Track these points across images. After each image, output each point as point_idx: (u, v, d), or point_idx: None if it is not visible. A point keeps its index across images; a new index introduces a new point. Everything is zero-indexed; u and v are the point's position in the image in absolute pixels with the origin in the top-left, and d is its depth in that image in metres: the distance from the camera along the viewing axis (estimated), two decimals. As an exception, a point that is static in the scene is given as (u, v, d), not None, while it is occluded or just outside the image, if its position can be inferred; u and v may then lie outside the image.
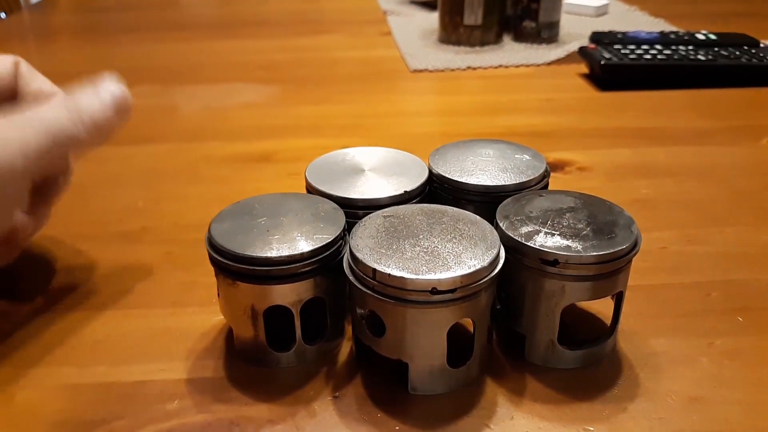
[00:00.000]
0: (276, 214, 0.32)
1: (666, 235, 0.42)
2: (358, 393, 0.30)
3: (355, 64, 0.82)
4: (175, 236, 0.43)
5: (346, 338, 0.33)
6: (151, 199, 0.48)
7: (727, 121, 0.62)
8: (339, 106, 0.68)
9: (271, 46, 0.90)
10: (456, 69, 0.78)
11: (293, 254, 0.29)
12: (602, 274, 0.29)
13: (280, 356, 0.31)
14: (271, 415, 0.29)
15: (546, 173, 0.36)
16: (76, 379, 0.31)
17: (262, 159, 0.55)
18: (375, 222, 0.31)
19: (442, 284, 0.27)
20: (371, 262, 0.28)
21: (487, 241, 0.29)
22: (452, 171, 0.36)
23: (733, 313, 0.35)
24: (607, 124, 0.62)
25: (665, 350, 0.32)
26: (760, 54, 0.73)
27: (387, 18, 1.02)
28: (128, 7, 1.16)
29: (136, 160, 0.55)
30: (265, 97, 0.71)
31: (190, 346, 0.33)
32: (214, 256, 0.30)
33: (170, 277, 0.39)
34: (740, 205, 0.46)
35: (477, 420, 0.28)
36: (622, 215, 0.31)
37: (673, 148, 0.56)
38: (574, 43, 0.85)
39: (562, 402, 0.29)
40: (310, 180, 0.35)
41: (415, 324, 0.28)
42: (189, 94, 0.72)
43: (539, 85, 0.74)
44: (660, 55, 0.72)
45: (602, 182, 0.50)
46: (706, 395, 0.30)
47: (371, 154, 0.38)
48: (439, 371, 0.29)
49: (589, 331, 0.34)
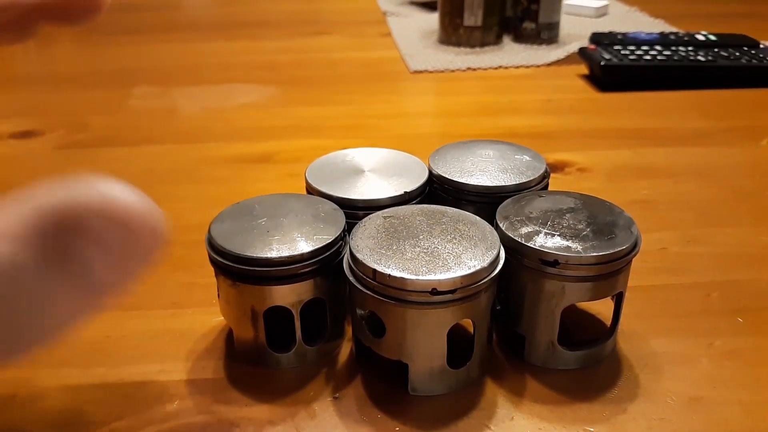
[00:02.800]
0: (276, 214, 0.32)
1: (666, 235, 0.42)
2: (358, 394, 0.30)
3: (355, 65, 0.82)
4: (175, 237, 0.43)
5: (346, 339, 0.33)
6: (151, 199, 0.48)
7: (727, 121, 0.62)
8: (339, 107, 0.68)
9: (271, 46, 0.90)
10: (456, 70, 0.78)
11: (293, 255, 0.29)
12: (602, 274, 0.29)
13: (280, 357, 0.31)
14: (271, 416, 0.29)
15: (546, 174, 0.36)
16: (77, 380, 0.31)
17: (262, 160, 0.55)
18: (375, 223, 0.31)
19: (442, 285, 0.27)
20: (371, 262, 0.28)
21: (487, 242, 0.29)
22: (452, 172, 0.36)
23: (733, 314, 0.35)
24: (606, 124, 0.62)
25: (665, 351, 0.32)
26: (760, 55, 0.73)
27: (387, 19, 1.02)
28: (128, 7, 1.16)
29: (136, 161, 0.55)
30: (265, 97, 0.71)
31: (190, 347, 0.33)
32: (214, 256, 0.30)
33: (170, 278, 0.39)
34: (740, 205, 0.46)
35: (477, 421, 0.28)
36: (622, 216, 0.31)
37: (673, 149, 0.56)
38: (574, 44, 0.85)
39: (562, 403, 0.29)
40: (310, 181, 0.35)
41: (415, 325, 0.28)
42: (189, 95, 0.72)
43: (539, 86, 0.74)
44: (660, 56, 0.72)
45: (602, 183, 0.50)
46: (706, 396, 0.30)
47: (371, 154, 0.38)
48: (439, 372, 0.29)
49: (589, 332, 0.34)
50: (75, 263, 0.13)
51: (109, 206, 0.13)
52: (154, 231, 0.13)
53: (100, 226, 0.13)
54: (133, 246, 0.13)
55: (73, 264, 0.13)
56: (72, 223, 0.13)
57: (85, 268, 0.13)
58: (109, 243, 0.13)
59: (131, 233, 0.13)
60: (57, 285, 0.13)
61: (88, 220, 0.13)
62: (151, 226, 0.14)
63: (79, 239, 0.13)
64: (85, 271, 0.13)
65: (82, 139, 0.60)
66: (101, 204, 0.13)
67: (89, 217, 0.13)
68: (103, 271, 0.13)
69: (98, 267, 0.13)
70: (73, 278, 0.13)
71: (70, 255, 0.13)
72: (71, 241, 0.13)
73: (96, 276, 0.13)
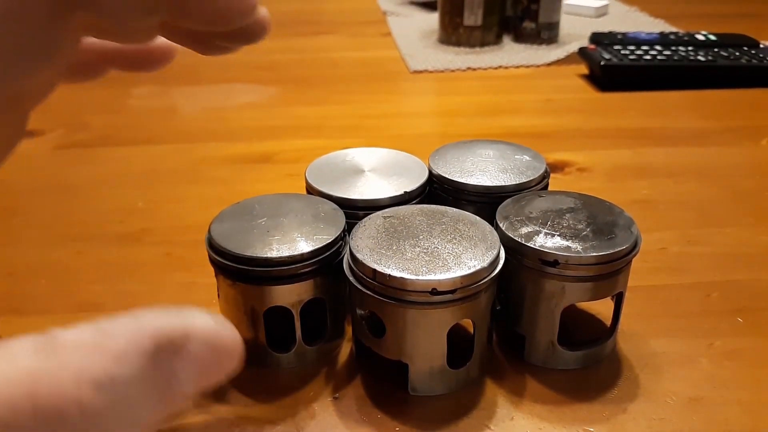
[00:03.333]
0: (276, 214, 0.32)
1: (666, 235, 0.42)
2: (358, 394, 0.30)
3: (355, 64, 0.82)
4: (175, 237, 0.43)
5: (346, 339, 0.33)
6: (151, 199, 0.48)
7: (727, 121, 0.62)
8: (339, 107, 0.68)
9: (271, 46, 0.90)
10: (456, 70, 0.78)
11: (293, 255, 0.29)
12: (602, 274, 0.29)
13: (280, 357, 0.31)
14: (272, 416, 0.29)
15: (546, 174, 0.36)
16: (76, 380, 0.31)
17: (262, 160, 0.55)
18: (375, 222, 0.31)
19: (442, 285, 0.27)
20: (371, 262, 0.28)
21: (486, 242, 0.29)
22: (452, 171, 0.36)
23: (733, 314, 0.35)
24: (606, 124, 0.62)
25: (665, 351, 0.32)
26: (760, 55, 0.73)
27: (387, 18, 1.02)
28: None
29: (136, 161, 0.55)
30: (265, 97, 0.71)
31: (190, 347, 0.33)
32: (214, 256, 0.30)
33: (170, 278, 0.39)
34: (740, 205, 0.46)
35: (477, 421, 0.28)
36: (621, 216, 0.31)
37: (673, 149, 0.56)
38: (574, 43, 0.85)
39: (562, 403, 0.29)
40: (310, 180, 0.35)
41: (415, 325, 0.28)
42: (189, 95, 0.72)
43: (539, 86, 0.74)
44: (660, 56, 0.72)
45: (602, 183, 0.50)
46: (706, 396, 0.30)
47: (371, 154, 0.38)
48: (439, 372, 0.29)
49: (589, 332, 0.34)
50: (167, 378, 0.15)
51: (206, 331, 0.16)
52: (234, 353, 0.16)
53: (194, 349, 0.15)
54: (216, 365, 0.16)
55: (165, 378, 0.15)
56: (173, 344, 0.15)
57: (174, 382, 0.15)
58: (198, 362, 0.15)
59: (217, 354, 0.16)
60: (147, 397, 0.15)
61: (187, 342, 0.15)
62: (232, 350, 0.16)
63: (176, 358, 0.15)
64: (174, 384, 0.15)
65: (82, 138, 0.60)
66: (201, 329, 0.15)
67: (189, 340, 0.15)
68: (187, 384, 0.15)
69: (184, 381, 0.15)
70: (161, 389, 0.15)
71: (165, 371, 0.15)
72: (168, 359, 0.15)
73: (182, 388, 0.15)
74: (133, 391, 0.14)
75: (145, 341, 0.15)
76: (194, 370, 0.15)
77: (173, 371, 0.15)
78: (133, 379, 0.14)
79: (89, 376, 0.13)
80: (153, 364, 0.15)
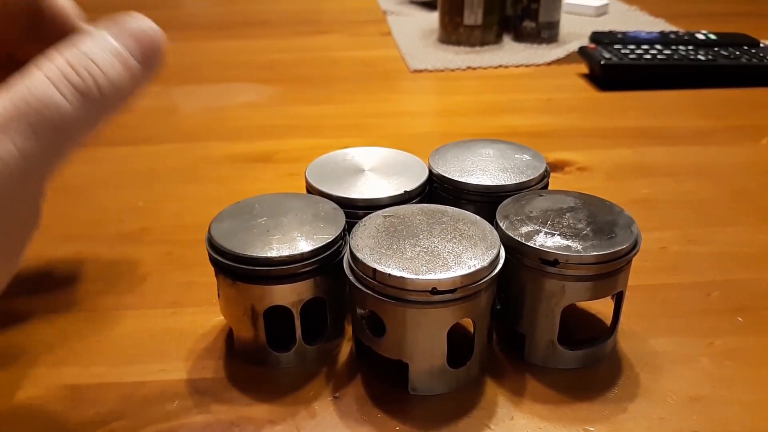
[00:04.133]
0: (276, 214, 0.32)
1: (666, 235, 0.42)
2: (359, 393, 0.30)
3: (355, 64, 0.82)
4: (175, 236, 0.43)
5: (347, 338, 0.33)
6: (151, 199, 0.48)
7: (727, 121, 0.62)
8: (339, 106, 0.68)
9: (271, 46, 0.90)
10: (456, 69, 0.78)
11: (293, 254, 0.29)
12: (602, 274, 0.29)
13: (280, 356, 0.31)
14: (272, 416, 0.29)
15: (546, 173, 0.36)
16: (77, 380, 0.31)
17: (262, 159, 0.55)
18: (375, 222, 0.31)
19: (442, 284, 0.27)
20: (371, 262, 0.28)
21: (487, 241, 0.29)
22: (452, 171, 0.36)
23: (733, 313, 0.35)
24: (607, 124, 0.62)
25: (665, 350, 0.32)
26: (760, 54, 0.73)
27: (387, 18, 1.02)
28: (129, 7, 1.16)
29: (136, 160, 0.55)
30: (265, 97, 0.71)
31: (190, 347, 0.33)
32: (214, 256, 0.30)
33: (170, 278, 0.39)
34: (740, 205, 0.46)
35: (477, 420, 0.28)
36: (622, 215, 0.31)
37: (673, 148, 0.56)
38: (574, 43, 0.85)
39: (562, 402, 0.29)
40: (310, 180, 0.35)
41: (415, 324, 0.28)
42: (189, 94, 0.72)
43: (539, 85, 0.74)
44: (660, 55, 0.71)
45: (602, 182, 0.50)
46: (706, 395, 0.30)
47: (371, 154, 0.38)
48: (439, 371, 0.29)
49: (589, 331, 0.34)
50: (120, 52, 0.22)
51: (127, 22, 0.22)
52: (156, 42, 0.22)
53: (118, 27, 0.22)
54: (138, 48, 0.22)
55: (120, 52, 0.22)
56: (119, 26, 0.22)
57: (127, 55, 0.22)
58: (134, 37, 0.22)
59: (138, 38, 0.22)
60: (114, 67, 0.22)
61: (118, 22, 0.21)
62: (153, 38, 0.22)
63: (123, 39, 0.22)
64: (127, 56, 0.22)
65: (82, 138, 0.60)
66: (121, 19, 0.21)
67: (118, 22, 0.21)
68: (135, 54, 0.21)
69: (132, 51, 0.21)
70: (122, 58, 0.22)
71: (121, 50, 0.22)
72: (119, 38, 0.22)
73: (131, 61, 0.22)
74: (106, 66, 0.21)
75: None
76: (136, 46, 0.22)
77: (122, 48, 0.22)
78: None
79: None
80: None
